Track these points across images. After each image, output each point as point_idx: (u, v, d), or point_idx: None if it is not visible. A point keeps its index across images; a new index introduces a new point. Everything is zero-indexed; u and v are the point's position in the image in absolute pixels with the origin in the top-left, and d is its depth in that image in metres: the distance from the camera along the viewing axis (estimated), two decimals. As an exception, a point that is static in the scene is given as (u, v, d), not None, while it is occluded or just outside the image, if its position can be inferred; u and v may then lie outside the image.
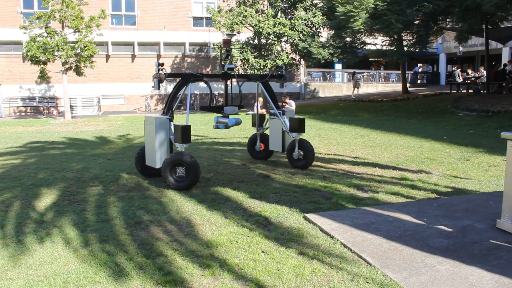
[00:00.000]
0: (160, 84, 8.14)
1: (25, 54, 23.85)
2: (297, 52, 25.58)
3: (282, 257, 4.48)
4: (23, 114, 29.93)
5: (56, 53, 23.17)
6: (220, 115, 9.16)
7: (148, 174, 8.29)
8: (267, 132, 10.09)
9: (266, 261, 4.38)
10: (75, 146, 13.16)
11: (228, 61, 8.77)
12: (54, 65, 24.75)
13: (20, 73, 29.97)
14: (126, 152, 11.49)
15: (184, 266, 4.32)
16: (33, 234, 5.30)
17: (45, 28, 23.34)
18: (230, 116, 9.05)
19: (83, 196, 7.06)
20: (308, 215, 5.69)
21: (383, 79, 38.54)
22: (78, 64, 23.96)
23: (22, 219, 5.90)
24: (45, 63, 23.46)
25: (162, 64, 8.03)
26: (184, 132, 7.40)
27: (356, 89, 31.81)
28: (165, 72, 7.97)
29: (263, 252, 4.62)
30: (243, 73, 25.66)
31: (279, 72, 9.50)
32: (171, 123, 7.92)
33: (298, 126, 8.88)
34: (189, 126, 7.53)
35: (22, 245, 4.96)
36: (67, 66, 23.79)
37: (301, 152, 9.03)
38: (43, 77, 24.06)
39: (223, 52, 8.77)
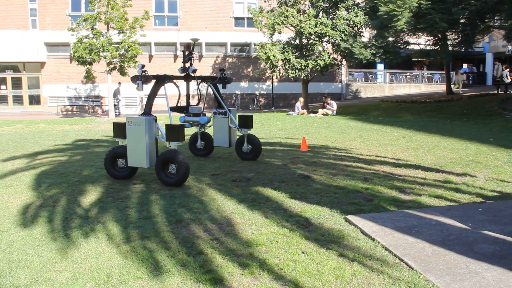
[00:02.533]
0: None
1: (72, 55, 24.58)
2: (339, 52, 25.31)
3: (322, 258, 4.45)
4: (69, 112, 30.88)
5: (101, 54, 23.78)
6: (183, 114, 9.88)
7: (117, 176, 8.32)
8: (209, 130, 11.03)
9: (306, 262, 4.36)
10: (118, 144, 13.43)
11: (190, 64, 9.53)
12: (99, 66, 25.41)
13: (67, 74, 30.95)
14: (168, 151, 11.66)
15: (224, 264, 4.35)
16: (78, 229, 5.47)
17: (91, 29, 24.00)
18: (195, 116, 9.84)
19: (126, 193, 7.22)
20: (349, 217, 5.63)
21: (426, 80, 37.75)
22: (122, 64, 24.50)
23: (68, 214, 6.09)
24: (90, 64, 24.12)
25: (144, 66, 8.36)
26: (181, 132, 7.86)
27: (459, 84, 31.53)
28: (147, 74, 8.29)
29: (303, 253, 4.60)
30: (284, 73, 25.64)
31: (223, 75, 10.34)
32: (157, 123, 8.21)
33: (246, 122, 10.01)
34: (184, 125, 8.20)
35: (68, 239, 5.13)
36: (111, 66, 24.38)
37: (249, 146, 10.05)
38: (89, 77, 24.74)
39: (186, 54, 9.39)
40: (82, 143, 13.69)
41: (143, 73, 8.24)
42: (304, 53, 25.43)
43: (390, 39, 24.34)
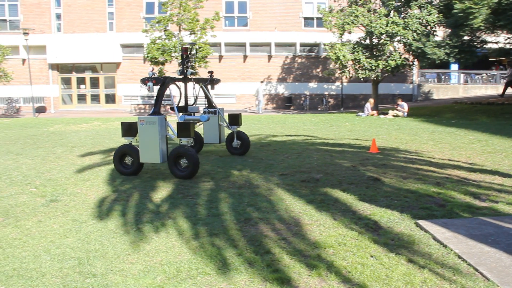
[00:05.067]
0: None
1: (145, 55, 25.45)
2: (411, 52, 24.57)
3: (392, 263, 4.35)
4: (142, 111, 32.00)
5: (173, 54, 24.46)
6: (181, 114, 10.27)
7: (124, 172, 8.74)
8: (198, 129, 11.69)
9: (375, 266, 4.28)
10: (188, 142, 13.78)
11: (187, 67, 10.18)
12: (170, 66, 26.13)
13: (141, 73, 32.07)
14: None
15: (291, 264, 4.36)
16: (150, 223, 5.67)
17: (164, 31, 24.75)
18: (197, 114, 10.50)
19: (196, 190, 7.39)
20: (420, 222, 5.46)
21: (505, 81, 35.88)
22: (193, 64, 25.04)
23: (140, 209, 6.33)
24: (163, 64, 24.86)
25: (153, 69, 8.72)
26: (192, 129, 8.56)
27: None
28: (157, 76, 9.00)
29: (371, 256, 4.52)
30: (354, 73, 25.26)
31: (211, 76, 11.19)
32: (167, 121, 8.78)
33: (236, 120, 10.97)
34: (193, 122, 9.00)
35: (140, 233, 5.32)
36: (183, 66, 24.98)
37: (239, 142, 10.93)
38: (161, 77, 25.50)
39: (184, 57, 10.08)
40: (154, 141, 14.12)
41: (153, 76, 8.87)
42: (374, 53, 24.92)
43: (466, 37, 23.31)
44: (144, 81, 9.07)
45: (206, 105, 11.24)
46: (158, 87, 9.14)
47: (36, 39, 30.34)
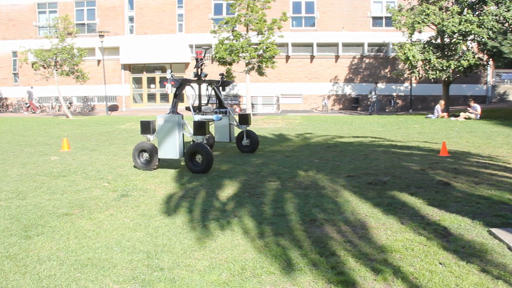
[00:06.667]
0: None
1: (213, 56, 25.89)
2: (485, 52, 23.46)
3: (462, 272, 4.18)
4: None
5: (240, 55, 24.72)
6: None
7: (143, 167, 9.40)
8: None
9: (444, 274, 4.13)
10: (254, 142, 13.88)
11: (201, 69, 10.70)
12: (238, 66, 26.42)
13: (209, 74, 32.67)
14: (304, 151, 11.79)
15: (356, 268, 4.29)
16: (216, 221, 5.77)
17: (232, 31, 25.07)
18: (207, 114, 10.94)
19: (262, 190, 7.44)
20: (494, 230, 5.20)
21: None
22: (260, 64, 25.21)
23: (206, 206, 6.46)
24: (230, 64, 25.19)
25: (172, 71, 9.63)
26: (207, 127, 9.28)
27: None
28: (176, 78, 9.61)
29: (440, 264, 4.37)
30: (423, 74, 24.51)
31: (222, 79, 11.85)
32: (183, 120, 9.38)
33: (245, 120, 11.52)
34: (208, 121, 9.71)
35: (206, 230, 5.44)
36: (250, 66, 25.22)
37: (248, 140, 11.62)
38: (229, 77, 25.85)
39: (198, 60, 10.61)
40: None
41: (172, 77, 9.50)
42: (446, 53, 24.02)
43: (549, 35, 22.00)
44: (162, 82, 9.69)
45: (217, 105, 11.81)
46: (175, 88, 9.70)
47: (110, 41, 31.69)
